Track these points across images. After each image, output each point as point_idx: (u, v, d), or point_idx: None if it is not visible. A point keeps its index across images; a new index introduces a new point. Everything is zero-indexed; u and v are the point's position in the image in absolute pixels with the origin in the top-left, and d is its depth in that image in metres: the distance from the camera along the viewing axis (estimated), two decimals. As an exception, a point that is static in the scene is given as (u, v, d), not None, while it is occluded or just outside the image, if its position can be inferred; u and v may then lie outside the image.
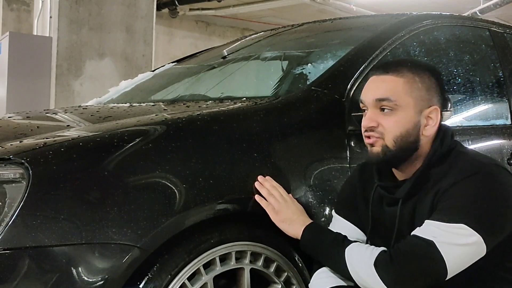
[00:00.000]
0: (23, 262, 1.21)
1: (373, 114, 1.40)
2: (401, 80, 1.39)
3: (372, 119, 1.39)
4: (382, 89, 1.39)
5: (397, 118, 1.37)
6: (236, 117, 1.63)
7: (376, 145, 1.39)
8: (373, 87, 1.42)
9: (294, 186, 1.59)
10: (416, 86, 1.39)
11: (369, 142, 1.41)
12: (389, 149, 1.38)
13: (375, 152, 1.40)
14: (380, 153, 1.39)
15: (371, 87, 1.43)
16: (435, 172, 1.38)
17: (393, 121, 1.37)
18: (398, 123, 1.37)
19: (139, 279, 1.35)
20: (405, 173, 1.43)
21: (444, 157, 1.39)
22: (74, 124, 1.82)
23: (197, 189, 1.41)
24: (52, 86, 4.68)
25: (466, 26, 2.35)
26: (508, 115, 2.27)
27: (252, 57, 2.49)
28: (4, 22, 7.98)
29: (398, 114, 1.38)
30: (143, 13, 5.11)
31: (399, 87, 1.38)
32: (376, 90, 1.40)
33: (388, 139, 1.38)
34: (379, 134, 1.38)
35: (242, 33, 10.67)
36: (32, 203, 1.24)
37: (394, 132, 1.37)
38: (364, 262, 1.33)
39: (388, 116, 1.38)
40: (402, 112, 1.37)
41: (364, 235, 1.53)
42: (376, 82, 1.42)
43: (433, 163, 1.39)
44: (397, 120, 1.37)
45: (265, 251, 1.55)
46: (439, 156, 1.39)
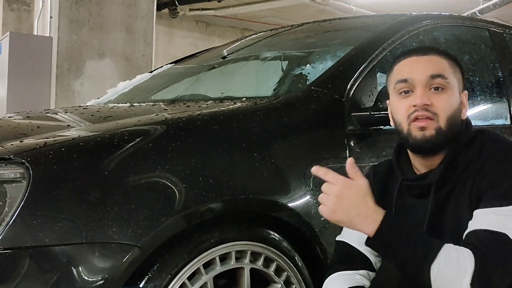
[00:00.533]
0: (24, 262, 1.21)
1: (424, 92, 1.32)
2: (446, 61, 1.36)
3: (426, 97, 1.32)
4: (433, 66, 1.34)
5: (448, 97, 1.33)
6: (236, 117, 1.63)
7: (429, 127, 1.32)
8: (422, 65, 1.35)
9: (294, 185, 1.59)
10: (456, 68, 1.37)
11: (420, 125, 1.32)
12: (442, 131, 1.32)
13: (428, 135, 1.32)
14: (435, 135, 1.31)
15: (419, 66, 1.35)
16: (464, 157, 1.34)
17: (445, 99, 1.32)
18: (450, 102, 1.33)
19: (139, 278, 1.35)
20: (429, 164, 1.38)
21: (470, 142, 1.36)
22: (74, 124, 1.82)
23: (197, 189, 1.41)
24: (52, 86, 4.68)
25: (465, 26, 2.35)
26: (508, 115, 2.28)
27: (252, 57, 2.49)
28: (4, 22, 7.99)
29: (448, 93, 1.33)
30: (143, 13, 5.11)
31: (446, 66, 1.35)
32: (428, 67, 1.34)
33: (442, 119, 1.32)
34: (432, 114, 1.32)
35: (242, 33, 10.66)
36: (33, 202, 1.24)
37: (447, 111, 1.32)
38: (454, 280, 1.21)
39: (440, 94, 1.33)
40: (451, 91, 1.34)
41: None
42: (422, 61, 1.36)
43: (461, 148, 1.35)
44: (448, 98, 1.33)
45: (265, 250, 1.55)
46: (466, 141, 1.35)
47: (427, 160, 1.39)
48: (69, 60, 4.70)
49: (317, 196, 1.61)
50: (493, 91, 2.32)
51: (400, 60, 1.40)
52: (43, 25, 4.82)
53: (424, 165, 1.40)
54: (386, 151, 1.80)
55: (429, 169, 1.39)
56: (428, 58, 1.37)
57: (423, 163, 1.40)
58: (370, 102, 1.80)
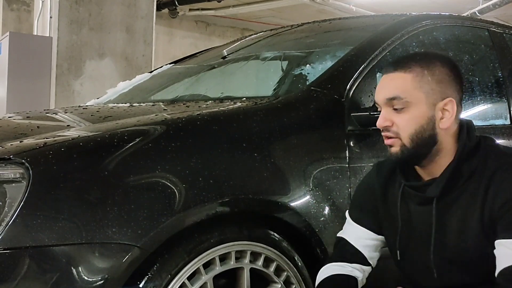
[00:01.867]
0: (23, 262, 1.21)
1: (386, 113, 1.38)
2: (409, 76, 1.36)
3: (386, 119, 1.37)
4: (391, 88, 1.37)
5: (410, 115, 1.35)
6: (236, 117, 1.63)
7: (394, 145, 1.37)
8: (383, 86, 1.40)
9: (294, 186, 1.59)
10: (426, 79, 1.35)
11: (387, 143, 1.39)
12: (407, 148, 1.35)
13: (393, 152, 1.38)
14: (399, 152, 1.36)
15: (382, 87, 1.40)
16: (467, 167, 1.35)
17: (406, 118, 1.35)
18: (412, 120, 1.35)
19: (139, 278, 1.35)
20: (430, 171, 1.39)
21: (473, 152, 1.36)
22: (74, 124, 1.82)
23: (197, 189, 1.41)
24: (52, 86, 4.68)
25: (465, 26, 2.35)
26: (507, 115, 2.28)
27: (252, 57, 2.49)
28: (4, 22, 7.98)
29: (411, 111, 1.35)
30: (143, 13, 5.11)
31: (407, 83, 1.35)
32: (386, 90, 1.38)
33: (404, 138, 1.35)
34: (395, 134, 1.36)
35: (242, 33, 10.66)
36: (32, 203, 1.24)
37: (408, 129, 1.35)
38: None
39: (401, 114, 1.35)
40: (414, 108, 1.34)
41: (379, 238, 1.51)
42: (385, 81, 1.40)
43: (464, 158, 1.35)
44: (410, 117, 1.35)
45: (264, 250, 1.55)
46: (468, 151, 1.36)
47: (424, 168, 1.40)
48: (69, 60, 4.70)
49: (317, 196, 1.63)
50: (493, 91, 2.32)
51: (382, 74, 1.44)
52: (43, 25, 4.82)
53: (425, 172, 1.41)
54: (386, 151, 1.79)
55: (431, 176, 1.39)
56: (390, 77, 1.39)
57: (423, 171, 1.41)
58: (370, 102, 1.80)
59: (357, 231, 1.52)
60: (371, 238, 1.51)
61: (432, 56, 1.41)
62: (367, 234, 1.51)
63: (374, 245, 1.52)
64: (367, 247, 1.51)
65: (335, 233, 1.61)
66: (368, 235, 1.51)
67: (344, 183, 1.69)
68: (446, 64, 1.38)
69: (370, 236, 1.51)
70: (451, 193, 1.36)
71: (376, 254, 1.53)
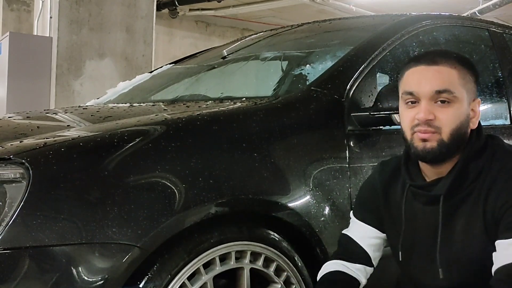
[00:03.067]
0: (23, 262, 1.21)
1: (429, 106, 1.32)
2: (455, 72, 1.33)
3: (430, 112, 1.32)
4: (440, 80, 1.32)
5: (454, 110, 1.32)
6: (236, 117, 1.63)
7: (431, 140, 1.33)
8: (429, 78, 1.33)
9: (294, 186, 1.59)
10: (468, 78, 1.35)
11: (423, 137, 1.33)
12: (444, 143, 1.32)
13: (429, 147, 1.33)
14: (436, 148, 1.32)
15: (426, 78, 1.33)
16: (473, 167, 1.34)
17: (451, 113, 1.32)
18: (455, 116, 1.32)
19: (139, 278, 1.35)
20: (438, 171, 1.38)
21: (481, 151, 1.36)
22: (74, 124, 1.82)
23: (197, 189, 1.41)
24: (52, 86, 4.68)
25: (465, 26, 2.35)
26: (507, 115, 2.28)
27: (252, 57, 2.49)
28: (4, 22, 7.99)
29: (455, 106, 1.32)
30: (143, 13, 5.11)
31: (455, 78, 1.33)
32: (434, 81, 1.33)
33: (445, 133, 1.32)
34: (435, 128, 1.32)
35: (242, 33, 10.67)
36: (32, 203, 1.24)
37: (451, 125, 1.32)
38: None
39: (445, 108, 1.32)
40: (458, 104, 1.33)
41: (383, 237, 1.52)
42: (429, 72, 1.34)
43: (471, 158, 1.35)
44: (454, 112, 1.32)
45: (265, 251, 1.55)
46: (476, 150, 1.36)
47: (436, 167, 1.38)
48: (69, 60, 4.70)
49: (317, 196, 1.63)
50: (493, 91, 2.32)
51: (410, 66, 1.38)
52: (43, 25, 4.82)
53: (433, 171, 1.40)
54: (386, 151, 1.80)
55: (437, 176, 1.38)
56: (436, 70, 1.34)
57: (432, 170, 1.40)
58: (370, 103, 1.80)
59: (362, 229, 1.52)
60: (376, 237, 1.52)
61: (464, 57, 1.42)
62: (373, 232, 1.51)
63: (377, 244, 1.52)
64: (372, 246, 1.51)
65: (335, 233, 1.61)
66: (373, 233, 1.52)
67: (344, 183, 1.69)
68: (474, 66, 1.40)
69: (375, 234, 1.52)
70: (458, 193, 1.35)
71: (378, 254, 1.53)
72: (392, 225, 1.48)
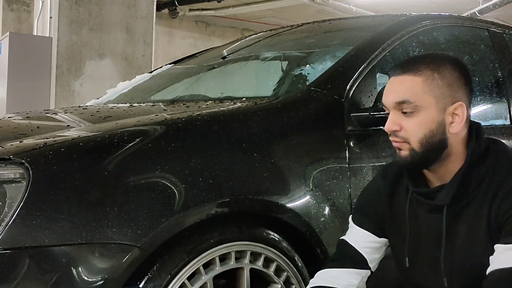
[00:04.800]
0: (23, 262, 1.21)
1: (394, 117, 1.34)
2: (419, 79, 1.32)
3: (394, 123, 1.33)
4: (401, 91, 1.33)
5: (419, 119, 1.31)
6: (236, 117, 1.63)
7: (403, 149, 1.34)
8: (392, 89, 1.35)
9: (294, 186, 1.59)
10: (436, 83, 1.31)
11: (396, 146, 1.36)
12: (416, 152, 1.32)
13: (403, 156, 1.34)
14: (408, 156, 1.33)
15: (390, 89, 1.36)
16: (477, 173, 1.33)
17: (415, 123, 1.31)
18: (421, 125, 1.31)
19: (139, 278, 1.35)
20: (440, 176, 1.37)
21: (483, 157, 1.34)
22: (74, 124, 1.82)
23: (197, 189, 1.41)
24: (52, 86, 4.68)
25: (465, 26, 2.35)
26: (507, 116, 2.28)
27: (251, 58, 2.49)
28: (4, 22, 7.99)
29: (420, 115, 1.31)
30: (143, 13, 5.11)
31: (417, 87, 1.31)
32: (395, 93, 1.34)
33: (413, 142, 1.32)
34: (403, 139, 1.33)
35: (241, 34, 10.67)
36: (32, 203, 1.24)
37: (418, 134, 1.32)
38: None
39: (410, 118, 1.32)
40: (424, 113, 1.31)
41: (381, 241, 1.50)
42: (394, 83, 1.35)
43: (473, 164, 1.33)
44: (419, 121, 1.31)
45: (264, 251, 1.55)
46: (477, 156, 1.34)
47: (433, 173, 1.38)
48: (69, 60, 4.70)
49: (317, 197, 1.63)
50: (492, 91, 2.32)
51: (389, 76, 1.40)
52: (43, 26, 4.82)
53: (435, 178, 1.39)
54: (386, 151, 1.80)
55: (440, 182, 1.37)
56: (399, 80, 1.35)
57: (433, 176, 1.39)
58: (370, 103, 1.80)
59: (358, 234, 1.50)
60: (372, 241, 1.50)
61: (442, 59, 1.37)
62: (369, 236, 1.49)
63: (375, 248, 1.50)
64: (368, 249, 1.49)
65: (335, 233, 1.61)
66: (369, 237, 1.50)
67: (344, 183, 1.69)
68: (457, 67, 1.35)
69: (371, 239, 1.50)
70: (461, 201, 1.34)
71: (377, 256, 1.51)
72: (396, 231, 1.46)
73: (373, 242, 1.50)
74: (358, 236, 1.50)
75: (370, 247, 1.50)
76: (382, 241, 1.51)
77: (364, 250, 1.49)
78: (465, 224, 1.34)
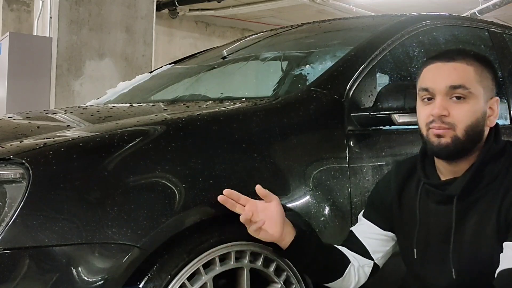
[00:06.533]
0: (23, 262, 1.21)
1: (444, 102, 1.32)
2: (472, 68, 1.33)
3: (444, 107, 1.32)
4: (455, 76, 1.33)
5: (469, 107, 1.32)
6: (236, 117, 1.63)
7: (445, 136, 1.33)
8: (444, 74, 1.34)
9: (294, 186, 1.59)
10: (485, 75, 1.35)
11: (437, 133, 1.33)
12: (459, 140, 1.32)
13: (444, 143, 1.33)
14: (451, 144, 1.32)
15: (442, 74, 1.34)
16: (490, 170, 1.34)
17: (465, 109, 1.31)
18: (470, 112, 1.32)
19: (139, 279, 1.35)
20: (455, 170, 1.38)
21: (498, 156, 1.35)
22: (74, 124, 1.82)
23: (197, 189, 1.41)
24: (52, 86, 4.68)
25: (465, 26, 2.35)
26: (507, 116, 2.28)
27: (251, 58, 2.49)
28: (4, 22, 7.99)
29: (470, 102, 1.32)
30: (143, 13, 5.11)
31: (471, 75, 1.33)
32: (449, 77, 1.33)
33: (459, 129, 1.32)
34: (449, 125, 1.32)
35: (241, 34, 10.67)
36: (32, 203, 1.24)
37: (466, 121, 1.31)
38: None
39: (461, 104, 1.32)
40: (474, 101, 1.32)
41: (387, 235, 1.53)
42: (445, 69, 1.34)
43: (488, 160, 1.34)
44: (469, 109, 1.32)
45: (264, 250, 1.55)
46: (493, 154, 1.35)
47: (452, 165, 1.38)
48: (69, 60, 4.71)
49: (317, 197, 1.63)
50: (492, 91, 2.32)
51: (427, 64, 1.40)
52: (43, 26, 4.82)
53: (449, 170, 1.40)
54: (386, 151, 1.80)
55: (453, 176, 1.38)
56: (452, 66, 1.35)
57: (448, 168, 1.40)
58: (370, 103, 1.80)
59: (364, 225, 1.56)
60: (376, 233, 1.54)
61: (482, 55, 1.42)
62: (373, 229, 1.54)
63: (379, 240, 1.54)
64: (371, 241, 1.53)
65: (335, 233, 1.61)
66: (374, 230, 1.54)
67: (344, 183, 1.69)
68: (492, 65, 1.39)
69: (376, 231, 1.54)
70: (471, 195, 1.35)
71: (381, 249, 1.54)
72: (404, 224, 1.48)
73: (377, 234, 1.54)
74: (364, 227, 1.55)
75: (374, 238, 1.54)
76: (387, 234, 1.54)
77: (367, 241, 1.53)
78: (474, 219, 1.35)
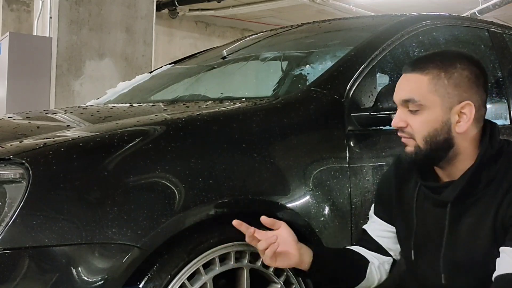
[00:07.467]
0: (23, 262, 1.21)
1: (401, 113, 1.37)
2: (425, 78, 1.33)
3: (401, 119, 1.37)
4: (406, 90, 1.35)
5: (424, 118, 1.33)
6: (235, 117, 1.63)
7: (409, 144, 1.37)
8: (400, 86, 1.38)
9: (294, 186, 1.59)
10: (442, 83, 1.32)
11: (403, 142, 1.39)
12: (420, 149, 1.34)
13: (408, 151, 1.37)
14: (413, 153, 1.36)
15: (399, 87, 1.39)
16: (487, 173, 1.33)
17: (420, 121, 1.33)
18: (425, 123, 1.33)
19: (139, 279, 1.35)
20: (449, 174, 1.38)
21: (495, 157, 1.34)
22: (74, 124, 1.82)
23: (197, 189, 1.41)
24: (52, 86, 4.68)
25: (465, 26, 2.35)
26: (507, 116, 2.28)
27: (251, 58, 2.49)
28: (4, 22, 7.99)
29: (425, 113, 1.33)
30: (143, 13, 5.11)
31: (423, 86, 1.33)
32: (402, 90, 1.36)
33: (418, 139, 1.34)
34: (409, 135, 1.36)
35: (241, 34, 10.67)
36: (32, 203, 1.24)
37: (422, 132, 1.33)
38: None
39: (416, 116, 1.34)
40: (429, 112, 1.33)
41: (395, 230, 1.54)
42: (402, 81, 1.38)
43: (484, 164, 1.33)
44: (423, 120, 1.33)
45: (264, 251, 1.55)
46: (489, 157, 1.33)
47: (445, 170, 1.39)
48: (68, 60, 4.71)
49: (317, 197, 1.63)
50: (492, 91, 2.32)
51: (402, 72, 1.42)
52: (43, 26, 4.82)
53: (444, 174, 1.40)
54: (386, 151, 1.80)
55: (449, 178, 1.38)
56: (406, 78, 1.37)
57: (442, 172, 1.40)
58: (370, 103, 1.80)
59: (374, 222, 1.57)
60: (386, 230, 1.54)
61: (452, 58, 1.36)
62: (383, 225, 1.54)
63: (391, 237, 1.54)
64: (384, 238, 1.54)
65: (335, 233, 1.62)
66: (384, 226, 1.54)
67: (344, 183, 1.69)
68: (467, 66, 1.34)
69: (386, 227, 1.54)
70: (467, 199, 1.35)
71: (395, 247, 1.55)
72: (402, 222, 1.49)
73: (387, 231, 1.54)
74: (375, 225, 1.56)
75: (386, 236, 1.54)
76: None
77: (381, 239, 1.54)
78: (468, 222, 1.34)
